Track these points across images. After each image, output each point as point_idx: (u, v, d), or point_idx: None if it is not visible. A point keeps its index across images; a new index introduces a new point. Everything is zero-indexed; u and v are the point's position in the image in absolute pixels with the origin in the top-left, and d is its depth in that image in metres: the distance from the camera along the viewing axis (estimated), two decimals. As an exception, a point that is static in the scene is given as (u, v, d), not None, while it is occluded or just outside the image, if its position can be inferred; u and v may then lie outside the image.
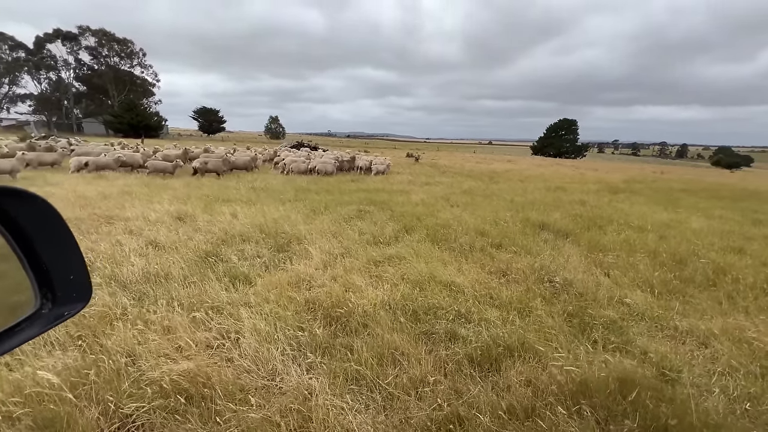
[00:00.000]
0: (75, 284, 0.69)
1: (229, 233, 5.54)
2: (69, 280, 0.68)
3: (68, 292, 0.68)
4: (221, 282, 3.86)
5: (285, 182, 12.34)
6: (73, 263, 0.69)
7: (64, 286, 0.67)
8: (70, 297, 0.68)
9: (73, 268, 0.69)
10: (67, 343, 2.59)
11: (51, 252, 0.66)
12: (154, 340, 2.69)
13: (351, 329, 3.11)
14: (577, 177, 20.49)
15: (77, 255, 0.69)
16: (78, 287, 0.69)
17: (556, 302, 3.80)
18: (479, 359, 2.75)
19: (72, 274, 0.69)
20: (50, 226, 0.65)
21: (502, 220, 7.51)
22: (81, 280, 0.69)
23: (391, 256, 4.87)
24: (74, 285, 0.69)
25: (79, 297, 0.70)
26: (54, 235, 0.66)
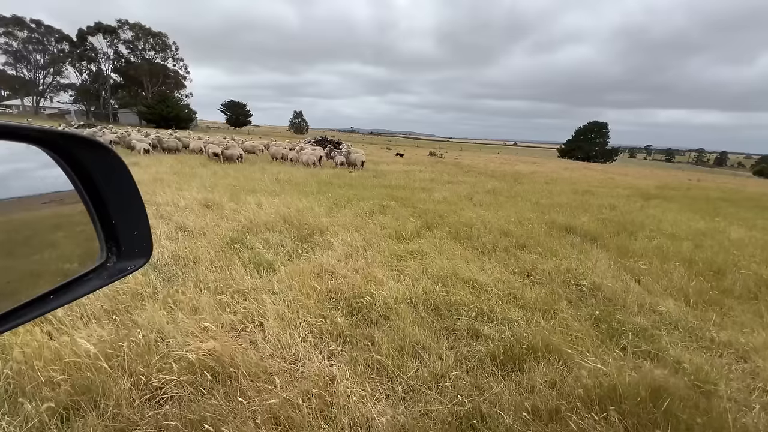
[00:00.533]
0: (138, 240, 0.70)
1: (254, 222, 5.66)
2: (133, 235, 0.69)
3: (132, 247, 0.69)
4: (246, 268, 3.95)
5: (309, 176, 12.49)
6: (138, 219, 0.69)
7: (129, 241, 0.68)
8: (133, 252, 0.69)
9: (138, 224, 0.69)
10: (102, 317, 2.72)
11: (118, 206, 0.66)
12: (183, 320, 2.77)
13: (372, 320, 3.11)
14: (607, 181, 19.78)
15: (142, 211, 0.69)
16: (141, 243, 0.70)
17: (582, 306, 3.68)
18: (502, 358, 2.69)
19: (136, 230, 0.69)
20: (120, 180, 0.66)
21: (526, 221, 7.34)
22: (144, 236, 0.70)
23: (413, 252, 4.85)
24: (138, 241, 0.70)
25: (141, 253, 0.70)
26: (122, 189, 0.66)
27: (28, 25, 58.64)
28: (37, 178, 0.68)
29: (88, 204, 0.66)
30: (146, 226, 0.71)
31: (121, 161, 0.66)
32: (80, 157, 0.63)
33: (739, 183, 32.11)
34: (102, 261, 0.68)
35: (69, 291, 0.63)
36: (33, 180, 0.68)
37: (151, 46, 67.90)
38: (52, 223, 0.74)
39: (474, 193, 11.10)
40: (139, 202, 0.69)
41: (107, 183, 0.65)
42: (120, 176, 0.66)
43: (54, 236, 0.75)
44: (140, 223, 0.70)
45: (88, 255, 0.71)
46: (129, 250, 0.69)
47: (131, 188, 0.67)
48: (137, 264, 0.70)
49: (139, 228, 0.70)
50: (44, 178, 0.69)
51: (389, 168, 17.68)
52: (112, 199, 0.66)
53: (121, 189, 0.67)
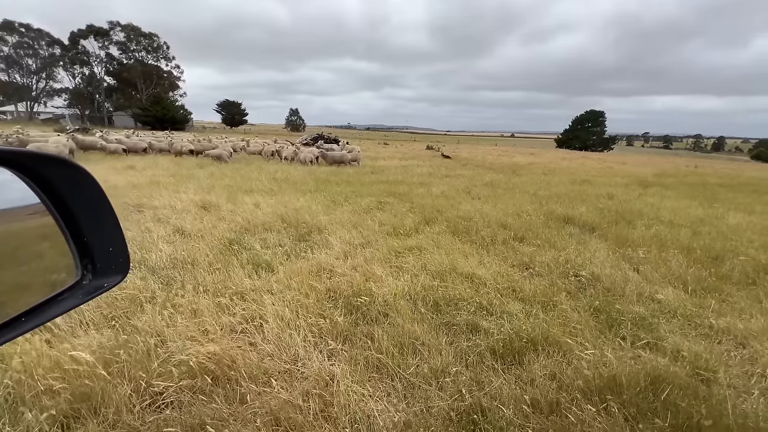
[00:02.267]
0: (114, 256, 0.69)
1: (252, 222, 5.64)
2: (108, 252, 0.69)
3: (108, 264, 0.69)
4: (245, 269, 3.94)
5: (306, 174, 12.45)
6: (113, 236, 0.69)
7: (104, 257, 0.68)
8: (109, 269, 0.69)
9: (113, 240, 0.69)
10: (101, 323, 2.71)
11: (91, 223, 0.66)
12: (182, 323, 2.77)
13: (371, 318, 3.11)
14: (605, 170, 19.77)
15: (116, 228, 0.69)
16: (117, 260, 0.70)
17: (581, 297, 3.69)
18: (501, 352, 2.70)
19: (111, 247, 0.69)
20: (91, 197, 0.65)
21: (524, 213, 7.34)
22: (120, 252, 0.70)
23: (412, 247, 4.84)
24: (113, 257, 0.69)
25: (118, 269, 0.70)
26: (94, 206, 0.66)
27: (18, 30, 58.11)
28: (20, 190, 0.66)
29: (59, 223, 0.65)
30: (122, 242, 0.70)
31: (91, 177, 0.65)
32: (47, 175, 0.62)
33: (736, 168, 32.15)
34: (77, 279, 0.68)
35: (43, 312, 0.62)
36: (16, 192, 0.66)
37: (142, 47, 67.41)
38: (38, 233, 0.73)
39: (472, 187, 11.09)
40: (113, 218, 0.68)
41: (77, 200, 0.65)
42: (90, 193, 0.65)
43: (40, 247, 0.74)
44: (115, 240, 0.69)
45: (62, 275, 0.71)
46: (105, 267, 0.69)
47: (103, 204, 0.67)
48: (114, 281, 0.70)
49: (115, 244, 0.69)
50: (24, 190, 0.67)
51: (387, 164, 17.63)
52: (83, 216, 0.65)
53: (92, 206, 0.66)
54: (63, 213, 0.65)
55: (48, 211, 0.65)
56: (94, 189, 0.66)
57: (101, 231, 0.68)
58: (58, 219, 0.65)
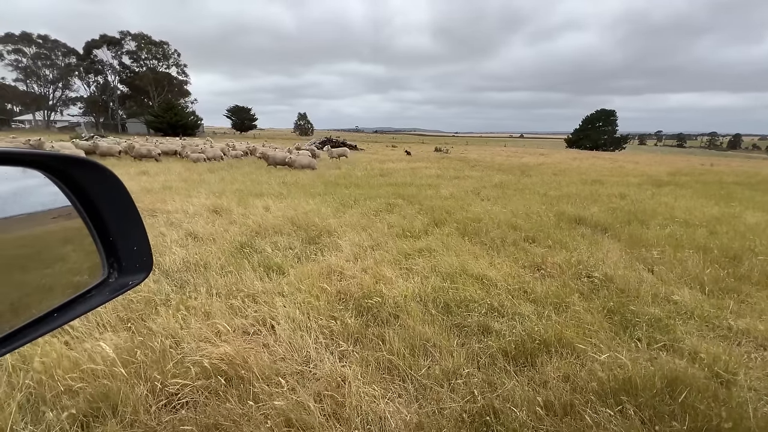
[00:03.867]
0: (138, 255, 0.71)
1: (263, 226, 5.70)
2: (133, 251, 0.71)
3: (132, 262, 0.71)
4: (256, 272, 3.99)
5: (315, 177, 12.54)
6: (137, 235, 0.71)
7: (129, 256, 0.70)
8: (133, 267, 0.71)
9: (137, 240, 0.71)
10: (117, 325, 2.77)
11: (117, 223, 0.68)
12: (196, 325, 2.81)
13: (382, 320, 3.12)
14: (616, 170, 19.47)
15: (140, 227, 0.71)
16: (141, 258, 0.72)
17: (595, 298, 3.64)
18: (513, 353, 2.67)
19: (135, 246, 0.71)
20: (117, 198, 0.68)
21: (535, 213, 7.28)
22: (143, 251, 0.72)
23: (421, 249, 4.84)
24: (138, 256, 0.71)
25: (141, 267, 0.72)
26: (120, 207, 0.68)
27: (35, 41, 59.90)
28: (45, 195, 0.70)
29: (87, 223, 0.68)
30: (145, 242, 0.72)
31: (117, 179, 0.68)
32: (76, 178, 0.65)
33: (754, 165, 31.32)
34: (104, 277, 0.70)
35: (72, 308, 0.64)
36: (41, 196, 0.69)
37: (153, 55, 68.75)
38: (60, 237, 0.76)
39: (481, 188, 11.03)
40: (137, 219, 0.70)
41: (104, 201, 0.67)
42: (117, 194, 0.68)
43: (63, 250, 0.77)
44: (139, 239, 0.71)
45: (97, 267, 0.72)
46: (129, 266, 0.71)
47: (129, 205, 0.69)
48: (138, 279, 0.72)
49: (139, 243, 0.72)
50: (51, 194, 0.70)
51: (395, 166, 17.65)
52: (110, 217, 0.68)
53: (118, 207, 0.68)
54: (91, 213, 0.67)
55: (77, 212, 0.68)
56: (120, 191, 0.68)
57: (126, 231, 0.70)
58: (86, 219, 0.67)
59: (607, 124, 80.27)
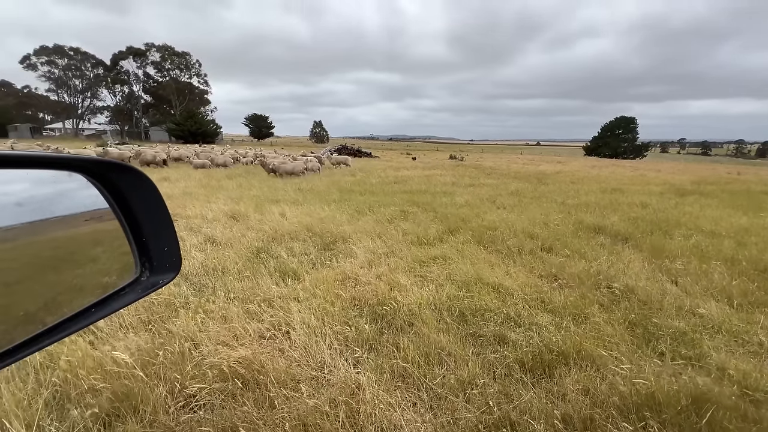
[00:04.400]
0: (169, 255, 0.75)
1: (279, 231, 5.79)
2: (164, 251, 0.74)
3: (163, 262, 0.74)
4: (272, 277, 4.04)
5: (330, 184, 12.67)
6: (168, 236, 0.74)
7: (160, 256, 0.74)
8: (164, 267, 0.74)
9: (168, 241, 0.74)
10: (139, 327, 2.85)
11: (150, 225, 0.72)
12: (214, 328, 2.87)
13: (396, 327, 3.10)
14: (637, 178, 19.00)
15: (171, 229, 0.74)
16: (171, 258, 0.75)
17: (615, 310, 3.54)
18: (531, 364, 2.62)
19: (166, 246, 0.74)
20: (151, 201, 0.71)
21: (552, 222, 7.16)
22: (173, 252, 0.75)
23: (436, 257, 4.82)
24: (168, 256, 0.75)
25: (171, 267, 0.75)
26: (153, 209, 0.72)
27: (67, 53, 62.91)
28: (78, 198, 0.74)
29: (123, 224, 0.71)
30: (175, 242, 0.75)
31: (152, 183, 0.71)
32: (115, 181, 0.69)
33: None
34: (136, 276, 0.73)
35: (108, 304, 0.68)
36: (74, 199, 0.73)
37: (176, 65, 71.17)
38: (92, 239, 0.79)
39: (497, 196, 10.92)
40: (168, 220, 0.73)
41: (140, 204, 0.70)
42: (151, 197, 0.71)
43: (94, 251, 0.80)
44: (169, 240, 0.74)
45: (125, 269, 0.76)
46: (160, 265, 0.74)
47: (161, 208, 0.72)
48: (168, 277, 0.75)
49: (169, 244, 0.75)
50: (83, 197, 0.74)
51: (409, 173, 17.68)
52: (144, 219, 0.71)
53: (151, 209, 0.72)
54: (126, 215, 0.71)
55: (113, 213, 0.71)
56: (154, 194, 0.71)
57: (158, 232, 0.73)
58: (122, 220, 0.71)
59: (628, 131, 78.62)
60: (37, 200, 0.67)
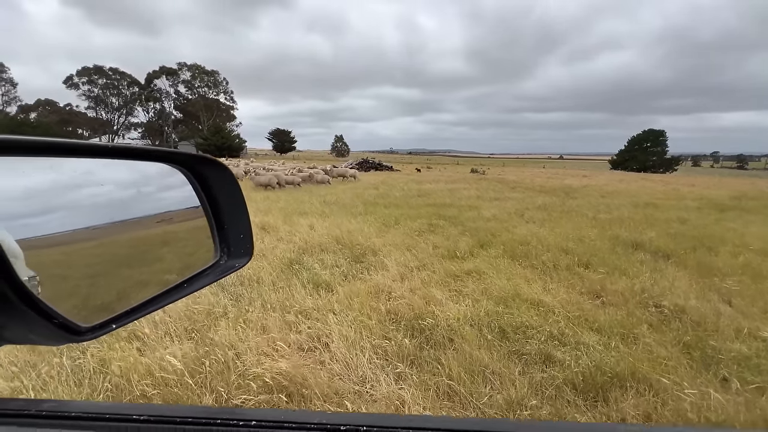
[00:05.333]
0: (243, 242, 0.78)
1: (309, 243, 5.83)
2: (240, 238, 0.77)
3: (239, 248, 0.77)
4: (306, 288, 4.05)
5: (354, 197, 12.78)
6: (243, 225, 0.78)
7: (236, 242, 0.77)
8: (239, 252, 0.77)
9: (243, 229, 0.78)
10: (183, 335, 2.89)
11: (230, 212, 0.76)
12: (254, 338, 2.87)
13: (436, 342, 3.03)
14: (671, 193, 18.26)
15: (246, 218, 0.78)
16: (245, 245, 0.78)
17: (666, 330, 3.34)
18: (582, 386, 2.49)
19: (242, 234, 0.78)
20: (232, 191, 0.76)
21: (586, 237, 6.92)
22: (247, 239, 0.79)
23: (469, 271, 4.72)
24: (243, 242, 0.78)
25: (245, 252, 0.78)
26: (233, 198, 0.76)
27: (106, 73, 67.03)
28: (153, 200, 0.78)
29: (207, 211, 0.76)
30: (249, 231, 0.79)
31: (232, 175, 0.77)
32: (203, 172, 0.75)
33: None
34: (216, 259, 0.77)
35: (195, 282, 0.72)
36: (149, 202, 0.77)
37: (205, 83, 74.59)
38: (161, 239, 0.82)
39: (524, 210, 10.70)
40: (244, 210, 0.78)
41: (222, 193, 0.75)
42: (232, 188, 0.76)
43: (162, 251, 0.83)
44: (244, 228, 0.78)
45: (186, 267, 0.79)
46: (236, 251, 0.77)
47: (239, 198, 0.77)
48: (242, 262, 0.78)
49: (244, 231, 0.78)
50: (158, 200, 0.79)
51: (432, 187, 17.64)
52: (225, 208, 0.76)
53: (232, 199, 0.76)
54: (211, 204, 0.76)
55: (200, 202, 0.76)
56: (234, 185, 0.76)
57: (236, 220, 0.77)
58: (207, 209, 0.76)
59: (656, 144, 76.27)
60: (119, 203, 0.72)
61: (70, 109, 72.80)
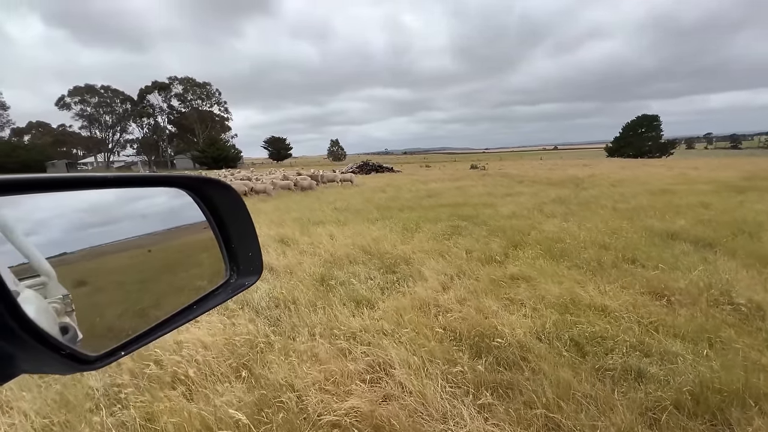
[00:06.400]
0: (252, 260, 0.79)
1: (335, 255, 5.53)
2: (248, 256, 0.79)
3: (248, 266, 0.79)
4: (347, 306, 3.75)
5: (364, 201, 12.49)
6: (251, 243, 0.79)
7: (245, 261, 0.79)
8: (248, 270, 0.79)
9: (251, 247, 0.79)
10: (229, 374, 2.58)
11: (237, 232, 0.78)
12: (308, 372, 2.57)
13: (508, 363, 2.73)
14: (679, 177, 18.05)
15: (254, 237, 0.79)
16: (254, 263, 0.80)
17: (753, 332, 3.05)
18: (692, 407, 2.20)
19: (250, 252, 0.79)
20: (237, 211, 0.78)
21: (619, 230, 6.64)
22: (256, 257, 0.80)
23: (514, 276, 4.43)
24: (251, 261, 0.79)
25: (254, 271, 0.79)
26: (239, 218, 0.78)
27: (98, 91, 66.56)
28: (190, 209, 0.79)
29: (215, 232, 0.78)
30: (257, 249, 0.80)
31: (239, 196, 0.78)
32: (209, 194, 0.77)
33: (836, 164, 28.10)
34: (226, 278, 0.78)
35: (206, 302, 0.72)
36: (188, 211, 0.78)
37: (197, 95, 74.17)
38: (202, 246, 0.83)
39: (541, 204, 10.43)
40: (252, 229, 0.78)
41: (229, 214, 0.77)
42: (238, 208, 0.78)
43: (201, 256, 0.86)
44: (253, 246, 0.79)
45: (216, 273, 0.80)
46: (245, 269, 0.79)
47: (246, 218, 0.78)
48: (252, 280, 0.79)
49: (252, 250, 0.79)
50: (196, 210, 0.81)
51: (439, 186, 17.36)
52: (232, 227, 0.78)
53: (238, 219, 0.78)
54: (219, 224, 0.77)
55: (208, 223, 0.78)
56: (240, 205, 0.77)
57: (244, 239, 0.78)
58: (214, 229, 0.78)
59: (651, 129, 76.41)
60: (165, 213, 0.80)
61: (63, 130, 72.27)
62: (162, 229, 0.76)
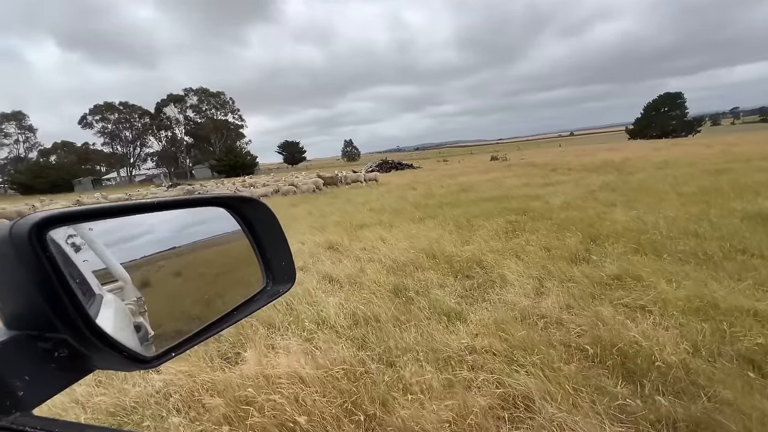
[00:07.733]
0: (285, 269, 0.84)
1: (397, 261, 5.08)
2: (282, 265, 0.84)
3: (282, 274, 0.83)
4: (438, 321, 3.30)
5: (396, 200, 12.05)
6: (284, 253, 0.84)
7: (280, 270, 0.83)
8: (283, 278, 0.84)
9: (284, 256, 0.84)
10: (342, 418, 2.15)
11: (271, 244, 0.83)
12: (435, 412, 2.12)
13: (675, 390, 2.22)
14: (725, 155, 16.92)
15: (286, 246, 0.84)
16: (288, 271, 0.84)
17: None
18: None
19: (283, 261, 0.84)
20: (270, 225, 0.83)
21: (702, 216, 5.97)
22: (289, 266, 0.84)
23: (617, 276, 3.87)
24: (285, 269, 0.84)
25: (288, 278, 0.84)
26: (272, 231, 0.83)
27: (117, 108, 68.31)
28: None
29: (252, 244, 0.82)
30: (290, 258, 0.84)
31: (270, 210, 0.83)
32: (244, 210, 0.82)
33: None
34: (263, 286, 0.83)
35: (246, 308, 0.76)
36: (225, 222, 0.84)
37: (212, 105, 75.25)
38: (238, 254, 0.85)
39: (591, 192, 9.75)
40: (284, 240, 0.83)
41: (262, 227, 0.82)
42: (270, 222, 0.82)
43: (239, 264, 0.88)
44: (285, 256, 0.84)
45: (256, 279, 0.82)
46: (280, 277, 0.83)
47: (278, 230, 0.83)
48: (286, 287, 0.83)
49: (285, 259, 0.84)
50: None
51: (470, 179, 16.76)
52: (266, 239, 0.82)
53: (271, 231, 0.83)
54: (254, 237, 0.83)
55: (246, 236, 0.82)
56: (272, 219, 0.82)
57: (277, 249, 0.83)
58: (251, 241, 0.82)
59: (674, 108, 73.49)
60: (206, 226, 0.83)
61: (86, 148, 74.52)
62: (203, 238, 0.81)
